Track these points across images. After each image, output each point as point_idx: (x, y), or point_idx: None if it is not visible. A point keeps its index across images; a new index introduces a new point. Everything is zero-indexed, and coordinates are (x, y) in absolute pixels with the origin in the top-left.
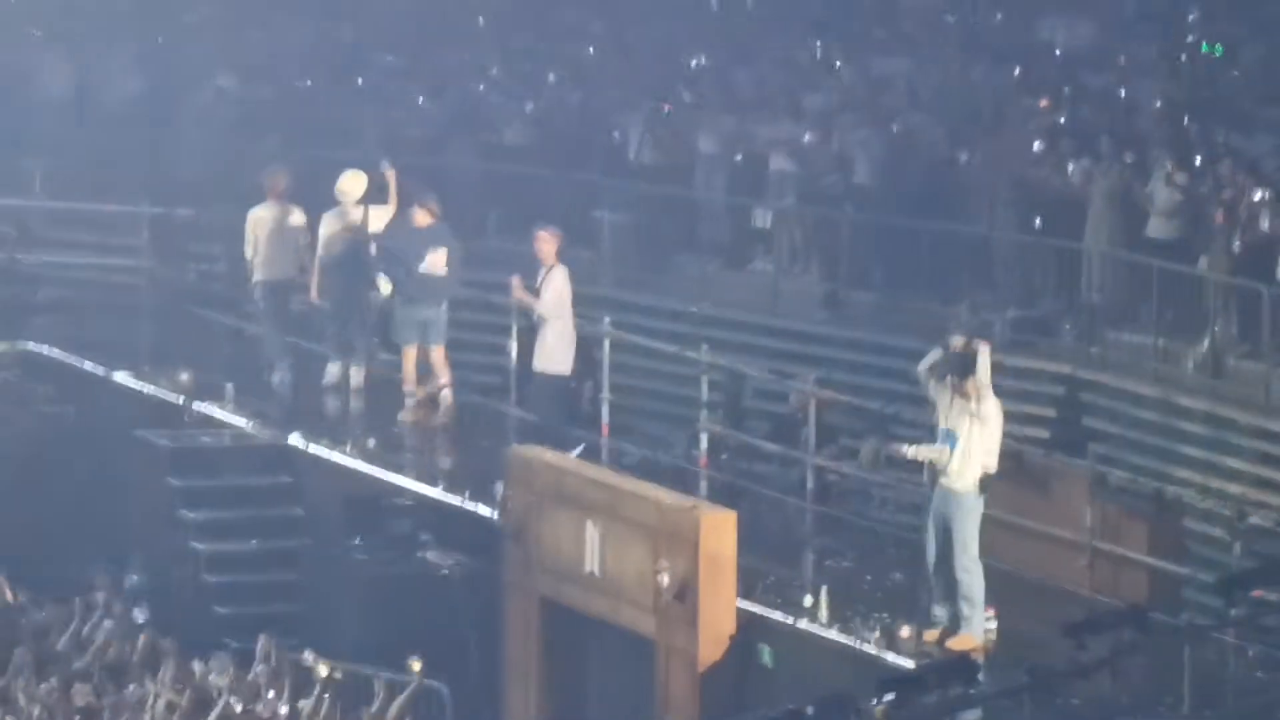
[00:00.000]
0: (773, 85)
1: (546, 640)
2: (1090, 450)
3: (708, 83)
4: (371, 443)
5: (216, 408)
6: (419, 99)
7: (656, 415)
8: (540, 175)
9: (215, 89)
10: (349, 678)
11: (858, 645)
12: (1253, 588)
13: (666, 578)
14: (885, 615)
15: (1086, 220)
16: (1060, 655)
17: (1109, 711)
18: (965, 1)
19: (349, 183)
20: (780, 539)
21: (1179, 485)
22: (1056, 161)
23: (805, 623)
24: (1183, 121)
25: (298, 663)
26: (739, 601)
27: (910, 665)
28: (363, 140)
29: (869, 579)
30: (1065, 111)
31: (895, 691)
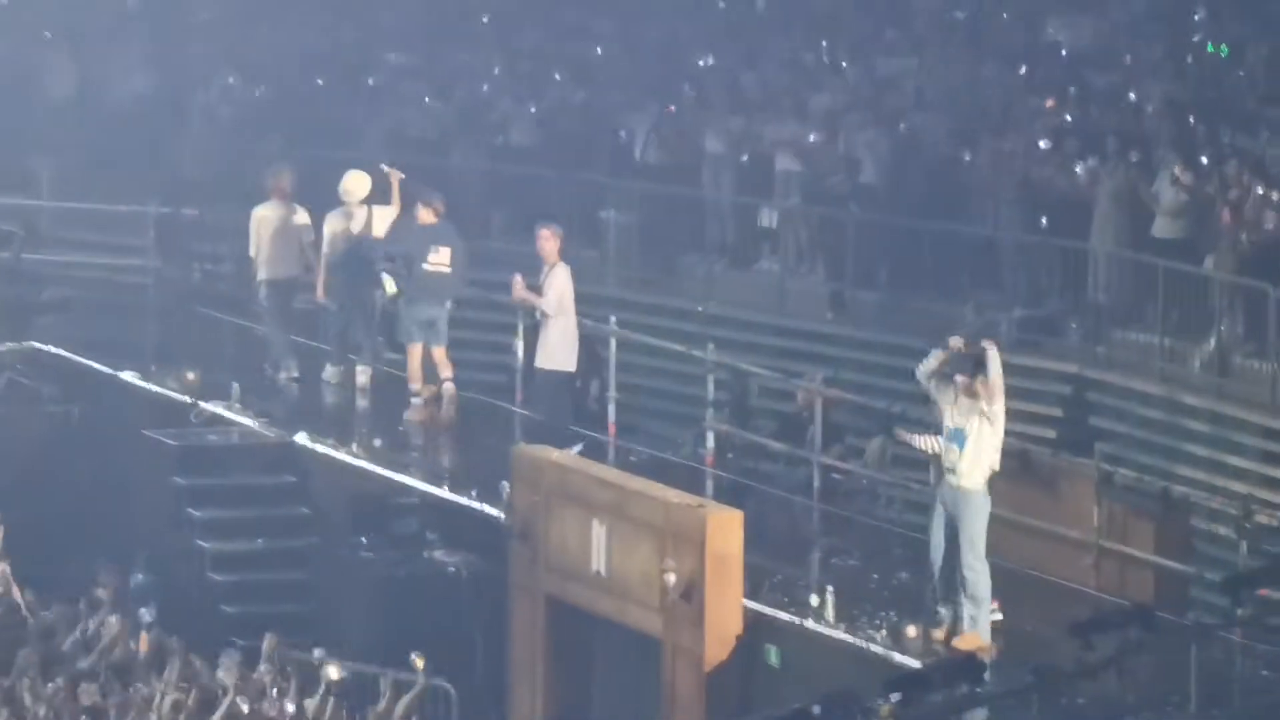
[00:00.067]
0: (779, 85)
1: (552, 639)
2: (1097, 449)
3: (714, 83)
4: (378, 442)
5: (222, 407)
6: (425, 99)
7: (663, 414)
8: (546, 175)
9: (221, 89)
10: (355, 677)
11: (864, 645)
12: (1259, 586)
13: (673, 577)
14: (892, 614)
15: (1092, 220)
16: (1067, 654)
17: (1115, 711)
18: (973, 0)
19: (353, 182)
20: (787, 538)
21: (1185, 484)
22: (1062, 161)
23: (811, 622)
24: (1188, 121)
25: (303, 661)
26: (745, 601)
27: (916, 664)
28: (369, 140)
29: (875, 578)
30: (1071, 111)
31: (901, 691)
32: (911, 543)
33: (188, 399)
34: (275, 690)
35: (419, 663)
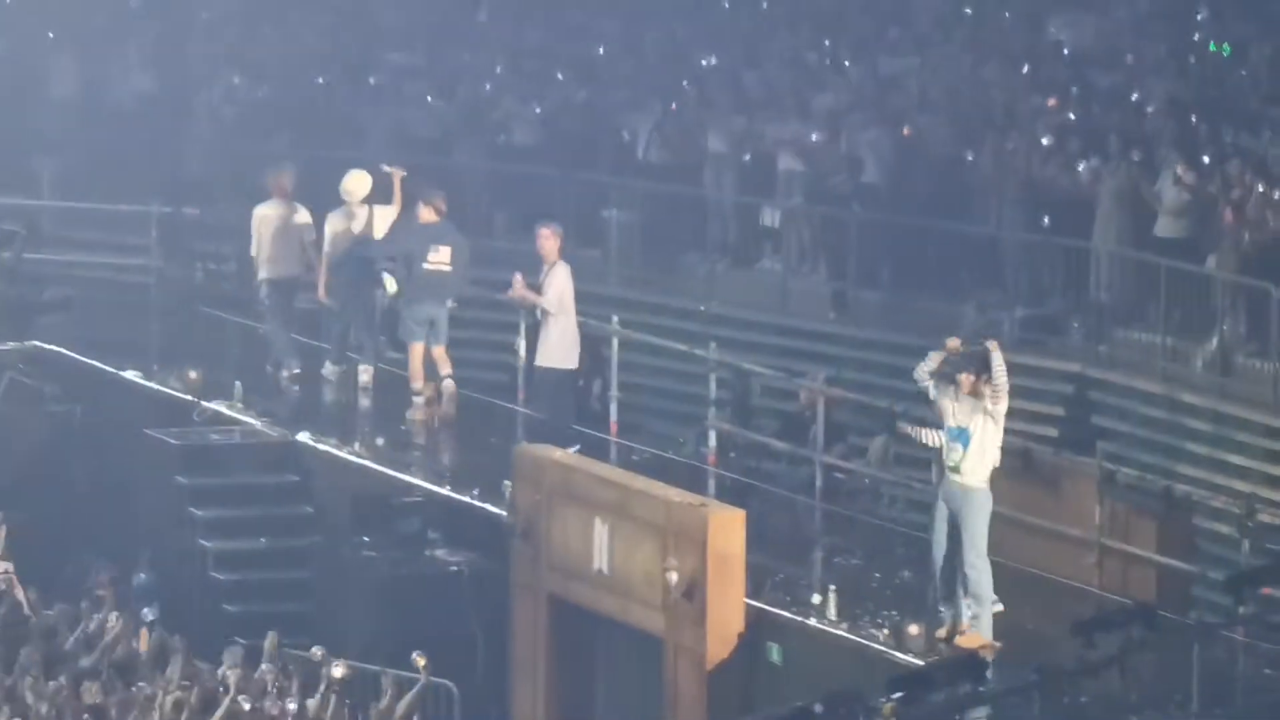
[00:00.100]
0: (781, 85)
1: (554, 638)
2: (1099, 448)
3: (716, 82)
4: (380, 441)
5: (225, 406)
6: (428, 98)
7: (665, 413)
8: (548, 175)
9: (225, 88)
10: (357, 675)
11: (866, 643)
12: (1262, 585)
13: (675, 576)
14: (894, 613)
15: (1095, 219)
16: (1069, 653)
17: (1118, 709)
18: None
19: (353, 182)
20: (789, 537)
21: (1188, 483)
22: (1065, 161)
23: (814, 621)
24: (1191, 121)
25: (305, 660)
26: (747, 600)
27: (919, 663)
28: (372, 140)
29: (877, 577)
30: (1074, 110)
31: (904, 689)
32: (913, 541)
33: (190, 398)
34: (277, 689)
35: (420, 662)
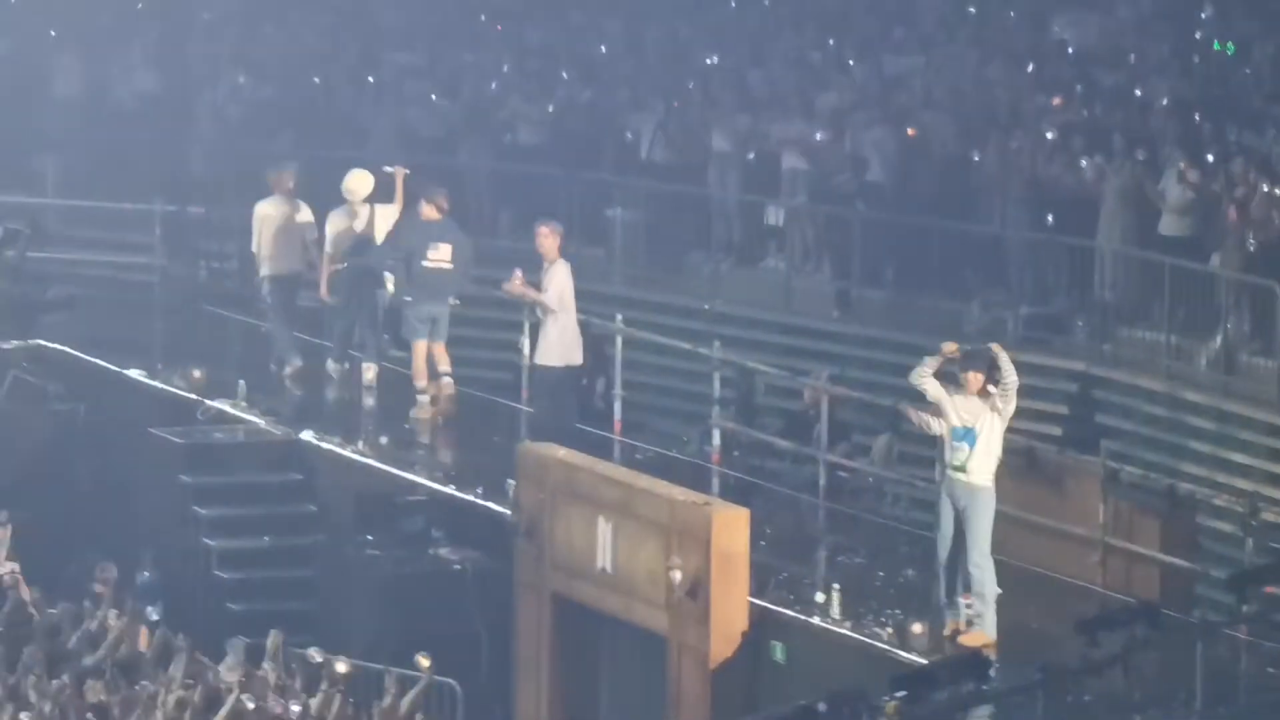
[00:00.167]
0: (786, 84)
1: (558, 637)
2: (1103, 447)
3: (720, 81)
4: (384, 439)
5: (229, 404)
6: (432, 97)
7: (669, 412)
8: (552, 174)
9: (229, 87)
10: (360, 673)
11: (870, 642)
12: (1265, 584)
13: (679, 574)
14: (897, 612)
15: (1099, 218)
16: (1072, 651)
17: (1121, 708)
18: None
19: (355, 182)
20: (793, 536)
21: (1191, 481)
22: (1069, 159)
23: (817, 619)
24: (1195, 119)
25: (307, 659)
26: (751, 598)
27: (922, 662)
28: (376, 139)
29: (881, 576)
30: (1078, 109)
31: (907, 688)
32: (917, 540)
33: (194, 397)
34: (280, 687)
35: (424, 663)
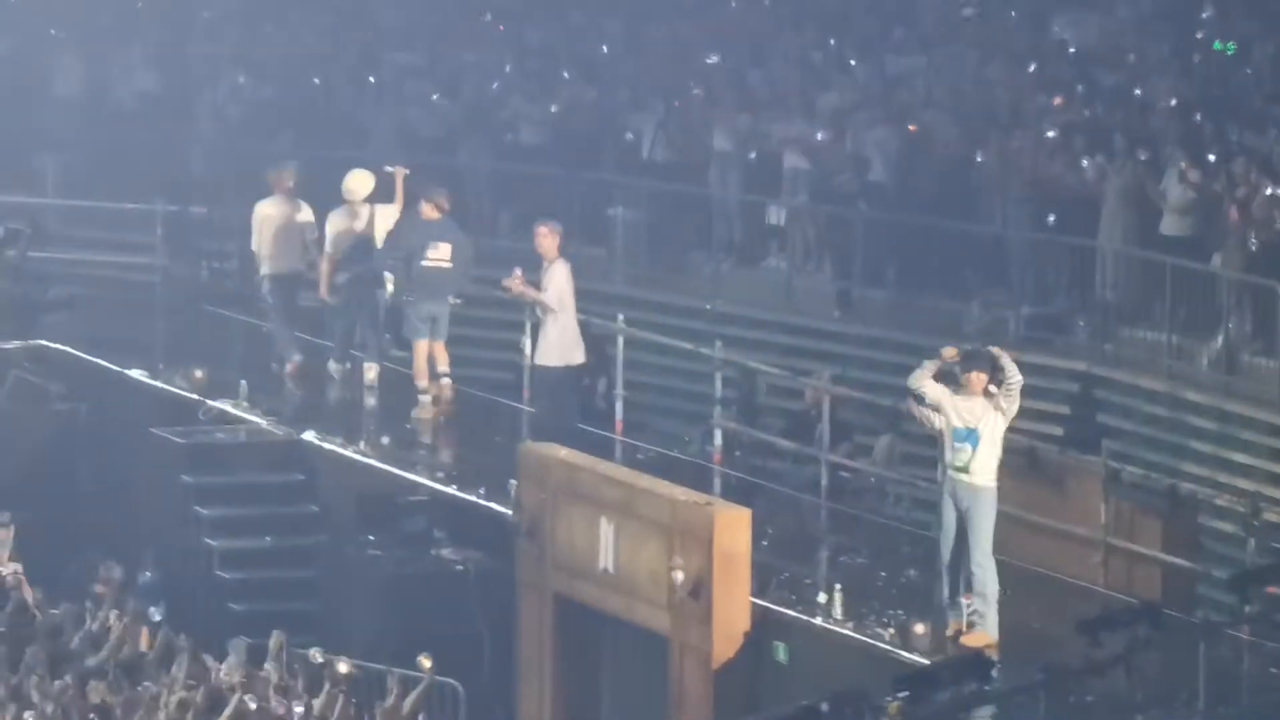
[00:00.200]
0: (787, 83)
1: (560, 637)
2: (1104, 447)
3: (721, 81)
4: (385, 440)
5: (230, 405)
6: (433, 97)
7: (670, 412)
8: (554, 174)
9: (229, 87)
10: (362, 674)
11: (872, 642)
12: (1267, 584)
13: (681, 575)
14: (900, 612)
15: (1100, 218)
16: (1074, 652)
17: (1123, 708)
18: None
19: (355, 181)
20: (795, 536)
21: (1193, 481)
22: (1070, 159)
23: (820, 620)
24: (1196, 119)
25: (309, 659)
26: (753, 598)
27: (925, 662)
28: (377, 139)
29: (883, 576)
30: (1079, 109)
31: (909, 688)
32: (919, 540)
33: (195, 397)
34: (282, 688)
35: (426, 663)
